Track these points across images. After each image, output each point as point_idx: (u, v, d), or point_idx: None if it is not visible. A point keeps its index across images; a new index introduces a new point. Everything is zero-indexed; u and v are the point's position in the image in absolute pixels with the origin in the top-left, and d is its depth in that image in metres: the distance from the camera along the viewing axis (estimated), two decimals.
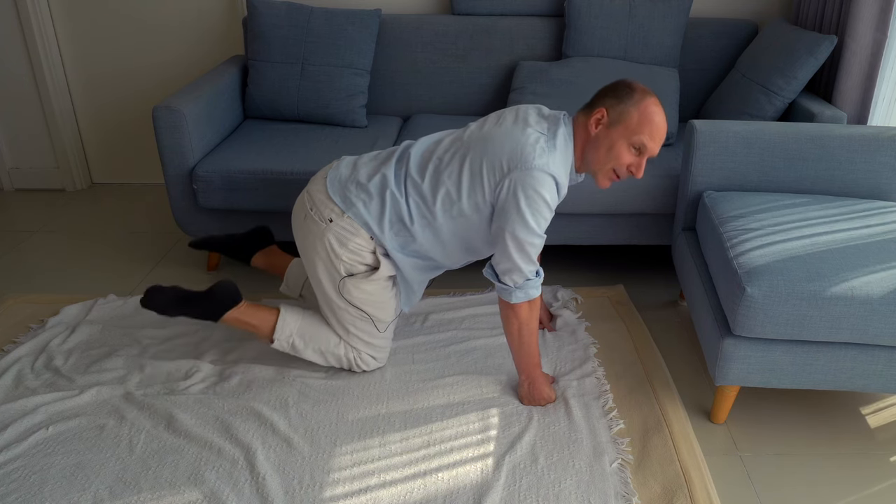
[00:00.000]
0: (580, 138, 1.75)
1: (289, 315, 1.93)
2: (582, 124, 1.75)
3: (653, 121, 1.68)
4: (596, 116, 1.70)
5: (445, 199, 1.76)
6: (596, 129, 1.71)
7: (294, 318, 1.93)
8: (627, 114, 1.68)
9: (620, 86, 1.71)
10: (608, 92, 1.72)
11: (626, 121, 1.68)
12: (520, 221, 1.67)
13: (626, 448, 1.74)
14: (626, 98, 1.68)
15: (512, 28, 2.82)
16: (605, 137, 1.71)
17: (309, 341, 1.93)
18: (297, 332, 1.92)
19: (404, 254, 1.85)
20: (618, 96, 1.69)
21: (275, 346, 1.94)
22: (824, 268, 1.65)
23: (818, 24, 2.55)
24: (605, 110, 1.70)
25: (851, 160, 2.04)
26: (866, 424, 1.88)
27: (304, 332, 1.93)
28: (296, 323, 1.93)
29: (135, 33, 3.15)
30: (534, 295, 1.77)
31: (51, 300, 2.41)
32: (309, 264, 1.89)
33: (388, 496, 1.60)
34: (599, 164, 1.74)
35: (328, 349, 1.94)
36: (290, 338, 1.92)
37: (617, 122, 1.69)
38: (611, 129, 1.70)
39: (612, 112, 1.69)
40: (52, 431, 1.77)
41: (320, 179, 1.87)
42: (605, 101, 1.71)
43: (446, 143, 1.81)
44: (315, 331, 1.94)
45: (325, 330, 1.94)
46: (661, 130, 1.70)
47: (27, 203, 3.27)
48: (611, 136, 1.70)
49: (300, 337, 1.93)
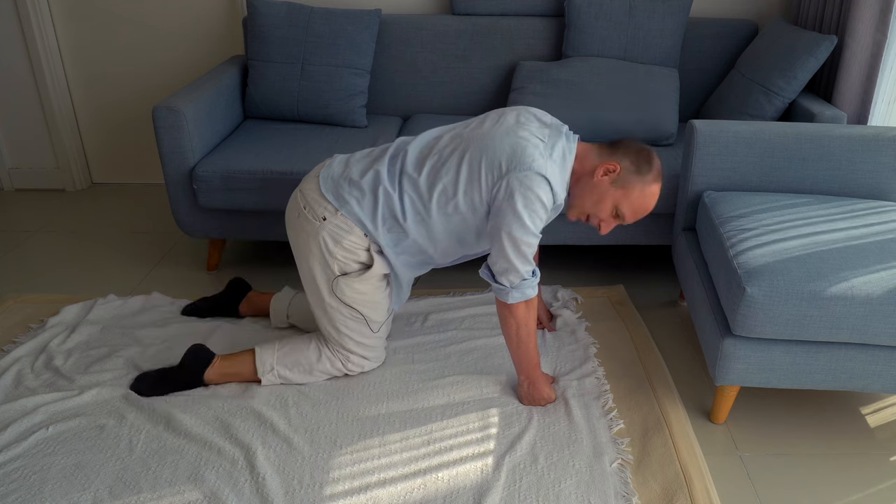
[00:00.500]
0: (582, 167, 1.77)
1: (263, 351, 1.94)
2: (590, 161, 1.76)
3: (646, 204, 1.76)
4: (608, 167, 1.72)
5: (441, 195, 1.76)
6: (601, 178, 1.74)
7: (269, 352, 1.94)
8: (633, 186, 1.73)
9: (645, 156, 1.74)
10: (632, 153, 1.74)
11: (628, 191, 1.73)
12: (516, 221, 1.67)
13: (626, 448, 1.74)
14: (644, 172, 1.72)
15: (512, 28, 2.82)
16: (603, 190, 1.75)
17: (293, 367, 1.94)
18: (277, 362, 1.93)
19: (397, 250, 1.85)
20: (637, 164, 1.72)
21: (264, 383, 1.94)
22: (824, 268, 1.65)
23: (818, 24, 2.55)
24: (619, 169, 1.72)
25: (851, 160, 2.04)
26: (866, 424, 1.88)
27: (283, 360, 1.93)
28: (272, 355, 1.93)
29: (135, 33, 3.15)
30: (530, 295, 1.77)
31: (51, 300, 2.41)
32: (303, 264, 1.88)
33: (387, 496, 1.60)
34: (581, 204, 1.79)
35: (313, 367, 1.94)
36: (273, 370, 1.93)
37: (620, 186, 1.73)
38: (612, 186, 1.74)
39: (623, 174, 1.72)
40: (52, 431, 1.77)
41: (313, 178, 1.87)
42: (625, 159, 1.73)
43: (446, 139, 1.81)
44: (294, 355, 1.94)
45: (304, 350, 1.94)
46: (647, 212, 1.79)
47: (27, 203, 3.27)
48: (608, 192, 1.74)
49: (282, 366, 1.93)
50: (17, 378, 1.97)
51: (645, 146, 1.76)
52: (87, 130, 3.37)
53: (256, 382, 1.95)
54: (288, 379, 1.94)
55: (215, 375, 1.93)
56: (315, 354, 1.94)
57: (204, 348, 1.95)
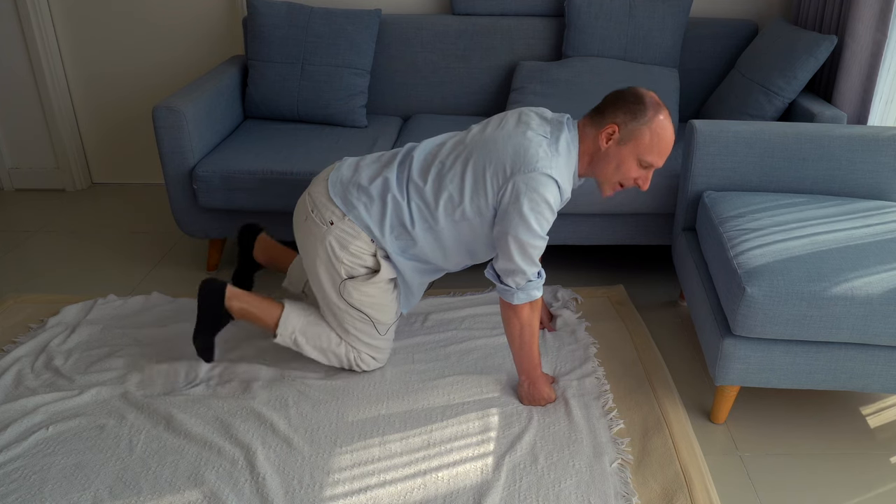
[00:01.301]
0: (586, 147, 1.74)
1: (293, 312, 1.94)
2: (590, 135, 1.73)
3: (663, 139, 1.68)
4: (607, 132, 1.68)
5: (448, 202, 1.76)
6: (606, 145, 1.70)
7: (297, 316, 1.94)
8: (639, 132, 1.66)
9: (632, 99, 1.67)
10: (619, 105, 1.68)
11: (638, 139, 1.67)
12: (522, 224, 1.67)
13: (626, 448, 1.74)
14: (640, 115, 1.66)
15: (512, 28, 2.82)
16: (616, 154, 1.70)
17: (311, 339, 1.94)
18: (299, 329, 1.93)
19: (405, 257, 1.85)
20: (630, 111, 1.66)
21: (277, 341, 1.94)
22: (824, 268, 1.65)
23: (818, 24, 2.55)
24: (617, 127, 1.67)
25: (851, 160, 2.04)
26: (866, 424, 1.88)
27: (306, 330, 1.93)
28: (299, 320, 1.93)
29: (135, 33, 3.15)
30: (535, 296, 1.77)
31: (51, 300, 2.41)
32: (310, 265, 1.89)
33: (387, 496, 1.60)
34: (606, 177, 1.75)
35: (329, 348, 1.95)
36: (293, 334, 1.93)
37: (628, 140, 1.68)
38: (621, 145, 1.69)
39: (623, 129, 1.67)
40: (52, 431, 1.77)
41: (321, 181, 1.87)
42: (616, 115, 1.68)
43: (449, 146, 1.81)
44: (317, 329, 1.94)
45: (327, 329, 1.95)
46: (670, 145, 1.70)
47: (27, 203, 3.27)
48: (621, 153, 1.70)
49: (302, 334, 1.93)
50: (17, 378, 1.97)
51: (628, 90, 1.69)
52: (87, 130, 3.37)
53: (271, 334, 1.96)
54: (299, 347, 1.94)
55: (238, 307, 1.91)
56: (337, 339, 1.94)
57: (211, 281, 1.92)
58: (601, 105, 1.73)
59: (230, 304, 1.91)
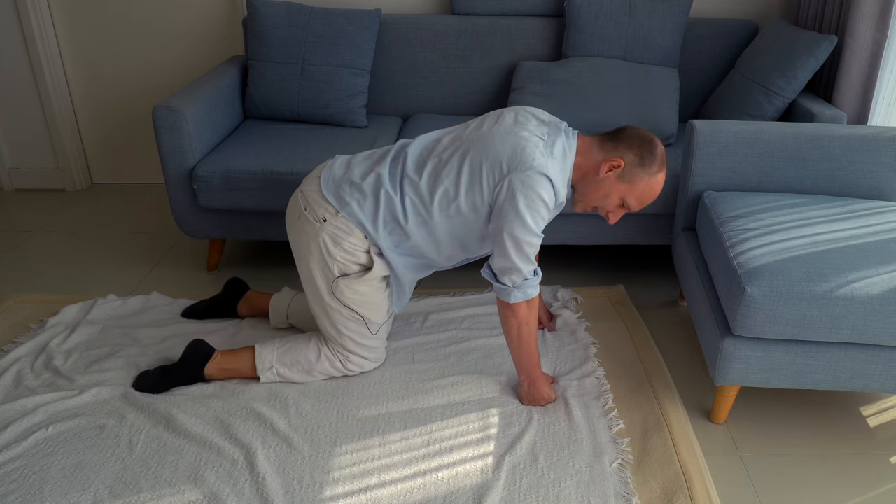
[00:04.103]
0: (584, 163, 1.77)
1: (263, 349, 1.95)
2: (593, 156, 1.76)
3: (652, 195, 1.77)
4: (613, 163, 1.72)
5: (443, 197, 1.76)
6: (606, 174, 1.74)
7: (269, 350, 1.95)
8: (639, 179, 1.73)
9: (647, 145, 1.72)
10: (634, 145, 1.72)
11: (635, 184, 1.73)
12: (518, 221, 1.67)
13: (626, 448, 1.74)
14: (648, 163, 1.72)
15: (512, 28, 2.82)
16: (610, 185, 1.75)
17: (292, 366, 1.94)
18: (276, 360, 1.93)
19: (398, 252, 1.85)
20: (641, 156, 1.72)
21: (263, 381, 1.95)
22: (824, 268, 1.65)
23: (818, 24, 2.55)
24: (623, 164, 1.72)
25: (852, 160, 2.04)
26: (866, 424, 1.88)
27: (283, 359, 1.94)
28: (272, 354, 1.94)
29: (135, 33, 3.15)
30: (532, 294, 1.77)
31: (51, 300, 2.41)
32: (302, 265, 1.89)
33: (387, 496, 1.60)
34: (588, 198, 1.80)
35: (312, 367, 1.94)
36: (273, 368, 1.93)
37: (626, 180, 1.73)
38: (618, 180, 1.74)
39: (627, 168, 1.72)
40: (52, 431, 1.77)
41: (314, 179, 1.87)
42: (628, 153, 1.72)
43: (445, 141, 1.81)
44: (294, 355, 1.94)
45: (303, 350, 1.95)
46: (653, 200, 1.83)
47: (27, 203, 3.27)
48: (614, 186, 1.75)
49: (282, 364, 1.94)
50: (17, 378, 1.97)
51: (646, 134, 1.75)
52: (87, 130, 3.37)
53: (255, 380, 1.95)
54: (287, 378, 1.95)
55: (215, 370, 1.94)
56: (314, 354, 1.94)
57: (204, 343, 1.96)
58: (615, 134, 1.77)
59: (208, 368, 1.94)
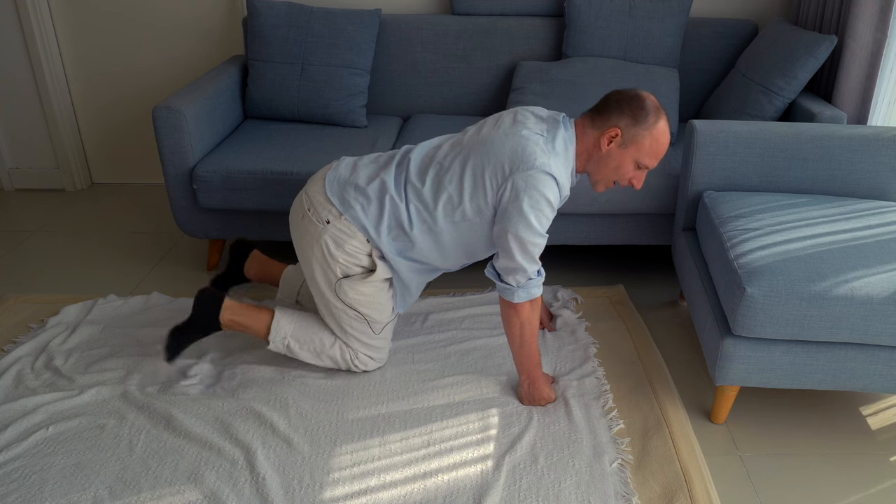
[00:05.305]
0: (585, 146, 1.76)
1: (283, 318, 1.94)
2: (590, 136, 1.75)
3: (662, 144, 1.73)
4: (609, 134, 1.71)
5: (447, 203, 1.76)
6: (608, 147, 1.73)
7: (288, 321, 1.94)
8: (641, 137, 1.71)
9: (635, 103, 1.70)
10: (622, 107, 1.71)
11: (639, 144, 1.71)
12: (522, 222, 1.68)
13: (626, 448, 1.74)
14: (642, 120, 1.70)
15: (512, 28, 2.82)
16: (616, 156, 1.74)
17: (304, 343, 1.94)
18: (291, 334, 1.93)
19: (402, 258, 1.85)
20: (633, 116, 1.70)
21: (270, 348, 1.95)
22: (824, 268, 1.65)
23: (818, 24, 2.55)
24: (620, 130, 1.70)
25: (851, 160, 2.04)
26: (866, 424, 1.88)
27: (298, 334, 1.94)
28: (290, 325, 1.94)
29: (135, 33, 3.15)
30: (536, 294, 1.77)
31: (51, 300, 2.41)
32: (305, 265, 1.89)
33: (387, 496, 1.60)
34: (603, 176, 1.79)
35: (323, 350, 1.94)
36: (285, 339, 1.93)
37: (629, 144, 1.72)
38: (622, 148, 1.72)
39: (625, 133, 1.71)
40: (52, 431, 1.77)
41: (319, 180, 1.87)
42: (620, 119, 1.71)
43: (446, 147, 1.82)
44: (310, 333, 1.94)
45: (319, 332, 1.94)
46: (666, 149, 1.77)
47: (27, 203, 3.27)
48: (622, 156, 1.73)
49: (295, 339, 1.94)
50: (18, 378, 1.97)
51: (630, 92, 1.73)
52: (87, 130, 3.37)
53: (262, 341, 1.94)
54: (294, 353, 1.95)
55: (229, 319, 1.92)
56: (330, 339, 1.94)
57: (212, 290, 1.94)
58: (601, 105, 1.75)
59: (222, 315, 1.92)
